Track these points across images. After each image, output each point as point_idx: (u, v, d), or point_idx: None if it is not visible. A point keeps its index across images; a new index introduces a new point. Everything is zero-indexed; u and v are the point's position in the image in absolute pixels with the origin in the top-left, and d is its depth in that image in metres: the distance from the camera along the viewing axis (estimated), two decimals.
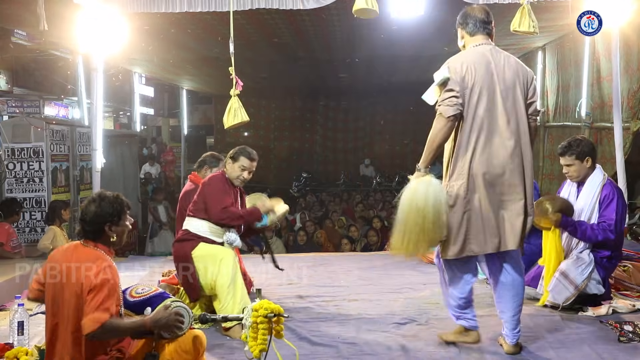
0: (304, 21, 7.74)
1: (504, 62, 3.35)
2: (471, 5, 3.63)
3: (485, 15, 3.43)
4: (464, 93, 3.25)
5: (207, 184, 4.34)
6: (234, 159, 4.40)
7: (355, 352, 3.55)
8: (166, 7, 5.49)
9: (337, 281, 5.39)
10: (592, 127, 7.58)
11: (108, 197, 2.90)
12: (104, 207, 2.85)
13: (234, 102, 5.40)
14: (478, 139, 3.26)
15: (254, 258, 5.28)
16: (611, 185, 4.17)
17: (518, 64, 3.41)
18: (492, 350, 3.51)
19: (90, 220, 2.85)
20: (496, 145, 3.27)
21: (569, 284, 4.09)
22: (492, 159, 3.26)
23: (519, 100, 3.32)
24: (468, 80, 3.26)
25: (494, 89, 3.28)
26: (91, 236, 2.87)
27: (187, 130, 16.64)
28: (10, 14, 6.97)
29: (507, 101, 3.28)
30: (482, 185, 3.27)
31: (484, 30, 3.43)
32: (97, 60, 6.12)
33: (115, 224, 2.86)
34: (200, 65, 11.19)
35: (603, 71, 7.30)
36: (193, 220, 4.28)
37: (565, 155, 4.23)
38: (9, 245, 6.49)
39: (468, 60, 3.31)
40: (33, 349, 3.23)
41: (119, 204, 2.91)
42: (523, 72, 3.38)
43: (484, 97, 3.26)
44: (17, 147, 7.70)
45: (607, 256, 4.17)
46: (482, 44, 3.41)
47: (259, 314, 2.68)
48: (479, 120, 3.26)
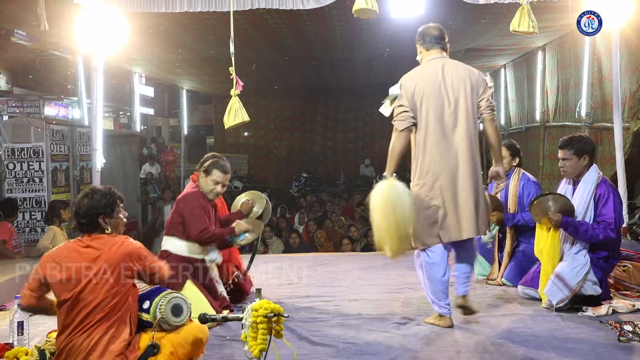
0: (304, 21, 7.74)
1: (452, 72, 3.82)
2: (427, 24, 4.04)
3: (439, 32, 3.94)
4: (415, 107, 3.78)
5: (184, 203, 4.23)
6: (207, 172, 4.29)
7: (355, 352, 3.55)
8: (166, 7, 5.49)
9: (337, 281, 5.39)
10: (592, 127, 7.58)
11: (100, 190, 3.04)
12: (95, 199, 2.98)
13: (235, 102, 5.40)
14: (432, 144, 3.77)
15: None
16: (605, 184, 4.17)
17: (466, 69, 3.87)
18: (492, 350, 3.52)
19: (84, 213, 2.96)
20: (448, 146, 3.77)
21: (564, 286, 4.10)
22: (445, 160, 3.76)
23: (467, 103, 3.79)
24: (417, 95, 3.78)
25: (441, 99, 3.78)
26: (86, 229, 2.98)
27: (187, 130, 16.63)
28: (10, 14, 6.98)
29: (454, 108, 3.78)
30: (440, 182, 3.76)
31: (438, 45, 3.93)
32: (97, 60, 6.12)
33: (108, 215, 2.98)
34: (200, 65, 11.19)
35: (603, 71, 7.30)
36: (171, 240, 4.22)
37: (564, 149, 4.24)
38: (11, 243, 6.49)
39: (418, 77, 3.83)
40: (33, 349, 3.23)
41: (111, 195, 3.03)
42: (470, 76, 3.84)
43: (432, 108, 3.77)
44: (17, 147, 7.71)
45: (604, 256, 4.17)
46: (435, 57, 3.90)
47: (259, 314, 2.68)
48: (431, 128, 3.77)
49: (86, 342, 2.84)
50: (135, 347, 2.90)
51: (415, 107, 3.78)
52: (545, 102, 9.75)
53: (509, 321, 4.02)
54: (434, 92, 3.78)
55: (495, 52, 10.32)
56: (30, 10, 5.84)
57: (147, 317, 3.01)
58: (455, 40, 9.58)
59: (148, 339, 2.92)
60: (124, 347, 2.87)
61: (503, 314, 4.19)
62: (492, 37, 8.76)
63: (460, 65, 3.89)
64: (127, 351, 2.88)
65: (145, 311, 3.02)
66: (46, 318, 4.14)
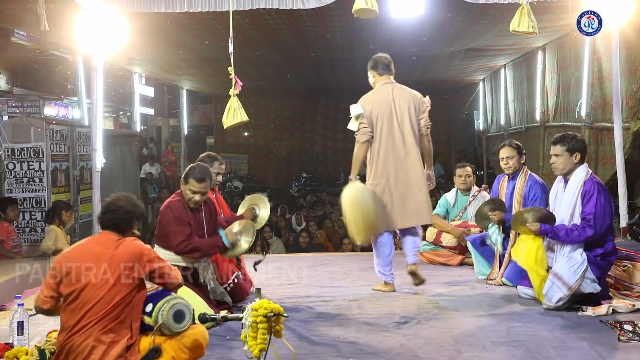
0: (304, 21, 7.74)
1: (400, 95, 4.82)
2: (378, 54, 4.98)
3: (389, 61, 4.94)
4: (372, 123, 4.78)
5: (163, 214, 4.16)
6: (185, 180, 4.19)
7: (355, 351, 3.55)
8: (166, 7, 5.49)
9: (337, 281, 5.39)
10: (592, 127, 7.58)
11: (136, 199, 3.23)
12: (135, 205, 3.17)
13: (234, 102, 5.40)
14: (384, 152, 4.78)
15: (254, 258, 5.28)
16: (592, 181, 4.20)
17: (410, 93, 4.87)
18: (492, 349, 3.52)
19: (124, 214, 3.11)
20: (395, 155, 4.77)
21: (562, 284, 4.11)
22: (393, 165, 4.77)
23: (411, 121, 4.79)
24: (374, 114, 4.77)
25: (391, 117, 4.77)
26: (119, 230, 3.09)
27: (187, 130, 16.63)
28: (10, 14, 6.97)
29: (401, 124, 4.77)
30: (389, 183, 4.75)
31: (388, 72, 4.92)
32: (97, 60, 6.12)
33: (141, 223, 3.21)
34: (200, 65, 11.19)
35: (603, 71, 7.30)
36: (160, 250, 4.12)
37: (557, 145, 4.32)
38: (9, 243, 6.49)
39: (374, 99, 4.83)
40: (33, 349, 3.23)
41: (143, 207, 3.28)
42: (414, 98, 4.85)
43: (385, 124, 4.76)
44: (17, 147, 7.71)
45: (601, 254, 4.18)
46: (386, 83, 4.89)
47: (259, 314, 2.68)
48: (384, 140, 4.78)
49: (85, 342, 2.83)
50: (135, 350, 2.89)
51: (372, 124, 4.78)
52: (545, 102, 9.75)
53: (509, 321, 4.02)
54: (386, 112, 4.76)
55: (495, 52, 10.32)
56: (30, 10, 5.84)
57: (148, 321, 2.99)
58: (456, 41, 9.65)
59: (148, 342, 2.90)
60: (124, 349, 2.86)
61: (503, 314, 4.19)
62: (492, 37, 8.76)
63: (407, 90, 4.86)
64: (127, 353, 2.87)
65: (147, 314, 3.00)
66: (46, 318, 4.14)
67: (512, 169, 5.15)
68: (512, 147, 5.16)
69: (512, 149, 5.13)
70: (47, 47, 9.62)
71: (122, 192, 3.24)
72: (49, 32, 6.36)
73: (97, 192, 6.10)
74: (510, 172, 5.17)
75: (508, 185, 5.19)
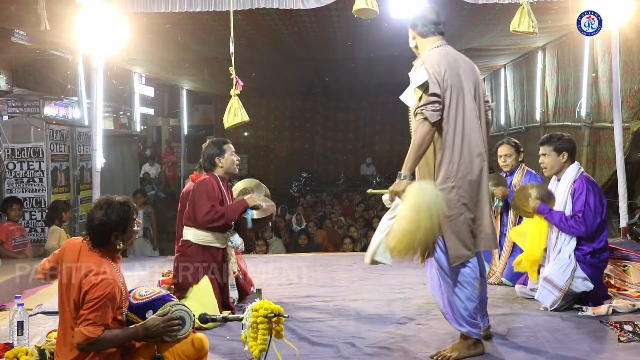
0: (304, 21, 7.74)
1: (465, 62, 3.39)
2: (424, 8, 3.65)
3: (436, 15, 3.49)
4: (444, 96, 3.23)
5: (195, 190, 4.24)
6: (221, 153, 4.34)
7: (355, 352, 3.55)
8: (166, 7, 5.50)
9: (337, 281, 5.39)
10: (592, 127, 7.59)
11: (115, 204, 2.80)
12: (110, 215, 2.77)
13: (234, 102, 5.41)
14: (460, 141, 3.25)
15: (254, 258, 5.28)
16: (582, 180, 4.22)
17: (472, 62, 3.46)
18: (492, 349, 3.51)
19: (97, 229, 2.78)
20: (473, 146, 3.28)
21: (553, 287, 4.12)
22: (472, 160, 3.28)
23: (480, 98, 3.38)
24: (446, 83, 3.23)
25: (463, 90, 3.28)
26: (97, 243, 2.81)
27: (187, 130, 16.64)
28: (10, 14, 6.97)
29: (474, 101, 3.32)
30: (470, 186, 3.28)
31: (437, 31, 3.46)
32: (97, 60, 6.12)
33: (122, 232, 2.80)
34: (200, 65, 11.19)
35: (603, 71, 7.30)
36: (191, 230, 4.24)
37: (544, 145, 4.35)
38: (10, 243, 6.48)
39: (443, 62, 3.27)
40: (33, 349, 3.23)
41: (126, 211, 2.81)
42: (477, 70, 3.44)
43: (459, 99, 3.26)
44: (17, 147, 7.71)
45: (590, 252, 4.17)
46: (441, 45, 3.41)
47: (259, 314, 2.68)
48: (460, 123, 3.26)
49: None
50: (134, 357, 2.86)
51: (444, 97, 3.24)
52: (545, 102, 9.75)
53: (509, 321, 4.02)
54: (457, 82, 3.27)
55: (495, 52, 10.33)
56: (31, 10, 5.83)
57: None
58: (455, 41, 9.63)
59: (149, 349, 2.87)
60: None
61: (503, 314, 4.19)
62: (492, 37, 8.76)
63: (465, 56, 3.50)
64: None
65: None
66: (46, 318, 4.15)
67: (509, 167, 5.19)
68: (510, 144, 5.20)
69: (510, 147, 5.18)
70: (47, 47, 9.62)
71: (104, 197, 2.89)
72: (49, 32, 6.35)
73: (97, 192, 6.11)
74: (508, 170, 5.21)
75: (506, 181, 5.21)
